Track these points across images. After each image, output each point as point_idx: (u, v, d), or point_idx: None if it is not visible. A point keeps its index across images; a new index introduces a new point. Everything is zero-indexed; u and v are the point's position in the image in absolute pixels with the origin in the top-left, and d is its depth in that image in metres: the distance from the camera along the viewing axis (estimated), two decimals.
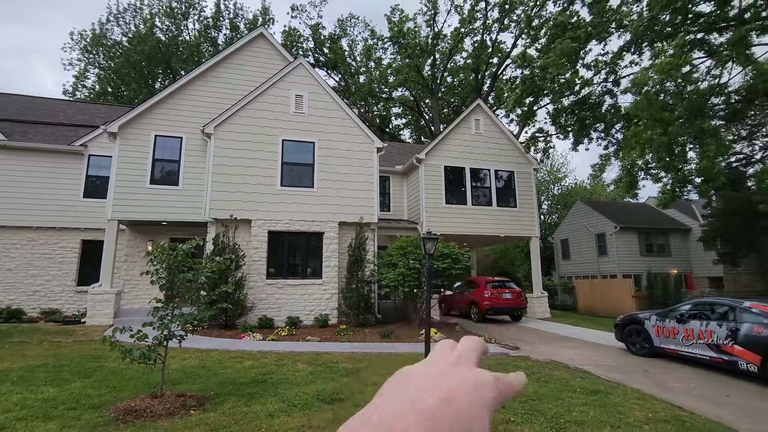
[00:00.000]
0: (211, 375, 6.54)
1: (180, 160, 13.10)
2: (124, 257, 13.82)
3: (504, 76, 33.70)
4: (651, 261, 24.40)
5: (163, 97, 13.22)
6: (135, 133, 12.80)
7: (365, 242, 12.99)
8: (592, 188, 42.50)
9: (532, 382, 6.47)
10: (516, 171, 17.09)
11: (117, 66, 32.61)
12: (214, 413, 4.74)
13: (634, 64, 15.86)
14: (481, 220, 16.19)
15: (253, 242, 12.23)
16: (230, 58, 14.14)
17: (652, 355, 8.91)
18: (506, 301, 14.59)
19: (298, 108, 13.34)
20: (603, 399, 5.60)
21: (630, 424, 4.65)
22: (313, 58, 35.15)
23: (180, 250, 5.19)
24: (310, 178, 13.12)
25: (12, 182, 13.91)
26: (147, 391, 5.37)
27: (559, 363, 8.12)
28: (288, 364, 7.42)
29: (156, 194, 12.68)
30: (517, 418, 4.72)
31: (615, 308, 18.68)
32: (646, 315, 9.31)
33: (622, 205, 30.29)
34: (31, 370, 6.58)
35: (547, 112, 17.78)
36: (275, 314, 11.93)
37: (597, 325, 14.86)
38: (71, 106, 19.43)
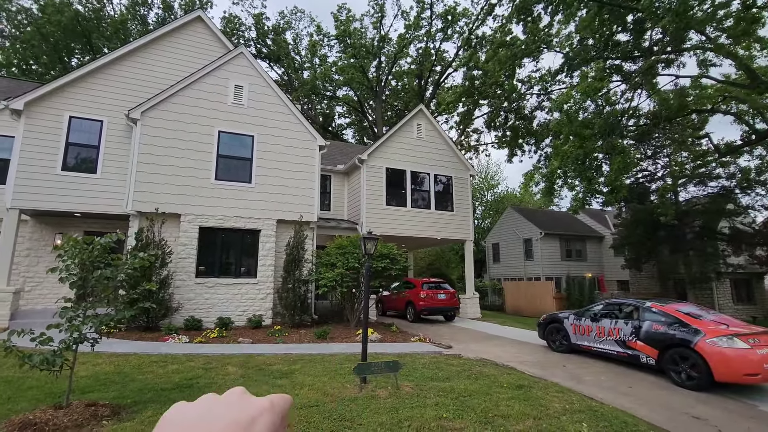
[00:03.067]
0: (128, 381, 5.99)
1: (99, 145, 11.88)
2: (26, 251, 12.23)
3: (446, 84, 34.93)
4: (570, 265, 26.65)
5: (82, 74, 11.92)
6: (45, 112, 11.40)
7: (304, 241, 12.72)
8: (522, 196, 45.45)
9: (463, 379, 6.73)
10: (454, 176, 17.76)
11: (25, 36, 28.83)
12: (131, 422, 4.34)
13: (561, 82, 17.26)
14: (419, 223, 16.60)
15: (182, 238, 11.44)
16: (163, 40, 13.12)
17: (569, 351, 9.70)
18: (441, 301, 15.08)
19: (237, 99, 12.73)
20: (527, 393, 5.99)
21: (550, 416, 5.01)
22: (255, 49, 33.81)
23: (97, 243, 4.69)
24: (248, 173, 12.58)
25: None
26: (50, 401, 4.78)
27: (488, 360, 8.55)
28: (217, 367, 7.03)
29: (68, 182, 11.38)
30: (449, 414, 4.88)
31: (538, 308, 20.12)
32: (565, 314, 10.12)
33: (548, 213, 32.76)
34: None
35: (484, 120, 18.71)
36: (204, 315, 11.26)
37: (522, 324, 15.89)
38: None
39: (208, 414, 0.36)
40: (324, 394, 5.55)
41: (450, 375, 6.96)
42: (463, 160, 18.28)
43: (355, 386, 5.98)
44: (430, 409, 5.07)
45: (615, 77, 14.99)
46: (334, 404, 5.15)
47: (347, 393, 5.65)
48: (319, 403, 5.15)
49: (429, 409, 5.04)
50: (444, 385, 6.27)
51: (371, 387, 5.96)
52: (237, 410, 0.36)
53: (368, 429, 4.37)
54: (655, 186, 21.93)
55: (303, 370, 6.95)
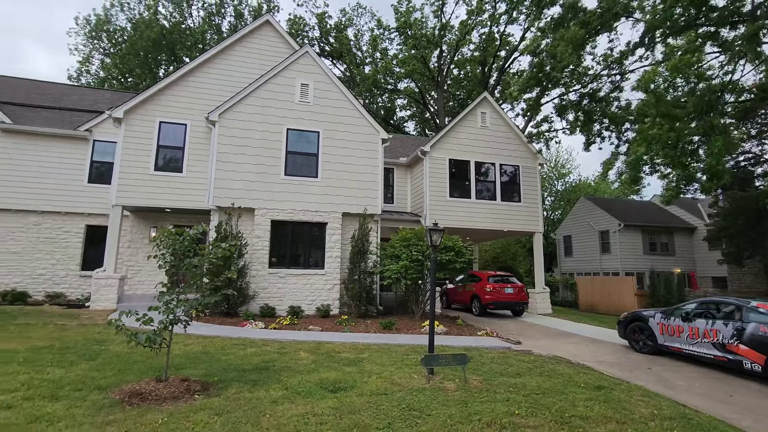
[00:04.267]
0: (213, 361, 6.56)
1: (184, 147, 13.06)
2: (128, 243, 13.84)
3: (511, 69, 33.39)
4: (654, 259, 24.34)
5: (168, 83, 13.14)
6: (140, 119, 12.75)
7: (368, 233, 12.96)
8: (597, 185, 42.28)
9: (534, 376, 6.46)
10: (521, 166, 16.99)
11: (122, 52, 32.43)
12: (218, 398, 4.75)
13: (643, 59, 15.62)
14: (484, 215, 16.13)
15: (256, 231, 12.22)
16: (235, 46, 14.02)
17: (655, 352, 8.89)
18: (508, 295, 14.58)
19: (303, 97, 13.24)
20: (607, 395, 5.59)
21: (635, 420, 4.63)
22: (318, 48, 34.89)
23: (186, 235, 5.16)
24: (314, 168, 13.06)
25: (17, 166, 13.90)
26: (151, 374, 5.38)
27: (562, 358, 8.11)
28: (290, 352, 7.43)
29: (160, 181, 12.66)
30: (521, 411, 4.71)
31: (616, 306, 18.67)
32: (650, 313, 9.28)
33: (627, 203, 30.16)
34: (37, 351, 6.61)
35: (554, 106, 17.52)
36: (277, 303, 11.96)
37: (598, 322, 14.86)
38: (76, 91, 19.35)
39: None
40: (392, 383, 5.64)
41: (520, 371, 6.71)
42: (531, 149, 17.40)
43: (422, 377, 5.99)
44: (501, 404, 4.93)
45: (710, 48, 13.25)
46: (402, 393, 5.20)
47: (414, 383, 5.68)
48: (388, 392, 5.24)
49: (500, 405, 4.90)
50: (514, 381, 6.06)
51: (438, 379, 5.94)
52: None
53: (437, 420, 4.36)
54: (761, 170, 19.19)
55: (370, 358, 7.12)
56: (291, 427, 4.00)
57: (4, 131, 13.94)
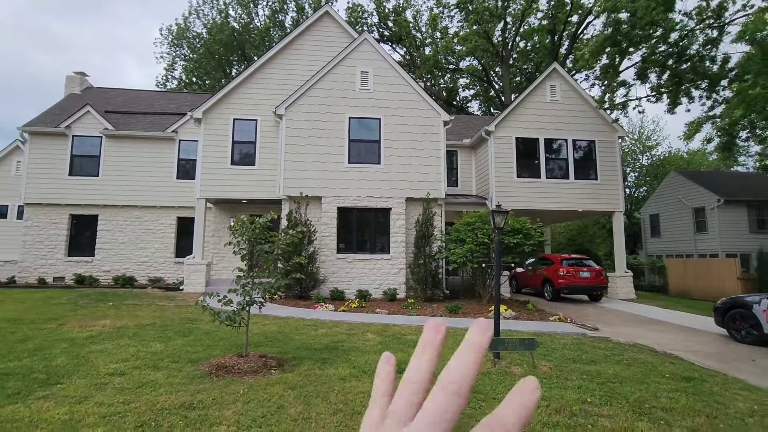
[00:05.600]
0: (288, 340, 7.05)
1: (255, 141, 13.93)
2: (212, 232, 15.22)
3: (585, 35, 30.65)
4: (764, 239, 21.23)
5: (239, 82, 14.03)
6: (216, 117, 13.81)
7: (432, 218, 12.90)
8: (690, 157, 37.65)
9: (612, 363, 6.06)
10: (597, 140, 15.68)
11: (199, 56, 35.17)
12: (292, 374, 5.12)
13: (748, 6, 13.37)
14: (556, 195, 15.21)
15: (324, 218, 12.74)
16: (298, 40, 14.51)
17: (760, 343, 7.86)
18: (584, 279, 13.72)
19: (363, 85, 13.38)
20: (697, 387, 5.09)
21: (730, 416, 4.17)
22: (377, 33, 34.82)
23: (257, 223, 5.56)
24: (377, 155, 13.22)
25: (120, 166, 15.86)
26: (234, 350, 5.95)
27: (645, 346, 7.50)
28: (358, 333, 7.73)
29: (236, 174, 13.68)
30: (594, 399, 4.47)
31: (715, 291, 16.73)
32: (755, 298, 8.18)
33: (727, 175, 26.54)
34: (143, 328, 7.61)
35: (635, 71, 15.70)
36: (346, 287, 12.44)
37: (691, 308, 13.45)
38: (163, 96, 21.45)
39: None
40: None
41: (596, 358, 6.34)
42: (609, 121, 15.96)
43: (488, 361, 5.92)
44: (572, 391, 4.71)
45: None
46: None
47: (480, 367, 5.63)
48: None
49: (570, 392, 4.69)
50: (588, 368, 5.75)
51: (505, 363, 5.83)
52: None
53: None
54: None
55: None
56: (357, 403, 4.20)
57: (108, 137, 15.94)
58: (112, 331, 7.28)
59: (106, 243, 15.70)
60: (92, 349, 5.99)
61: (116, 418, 3.73)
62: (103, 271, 15.45)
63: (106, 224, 15.79)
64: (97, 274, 15.27)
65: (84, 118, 15.88)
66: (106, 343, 6.41)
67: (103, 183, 15.75)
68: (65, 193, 15.55)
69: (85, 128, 15.87)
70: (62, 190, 15.55)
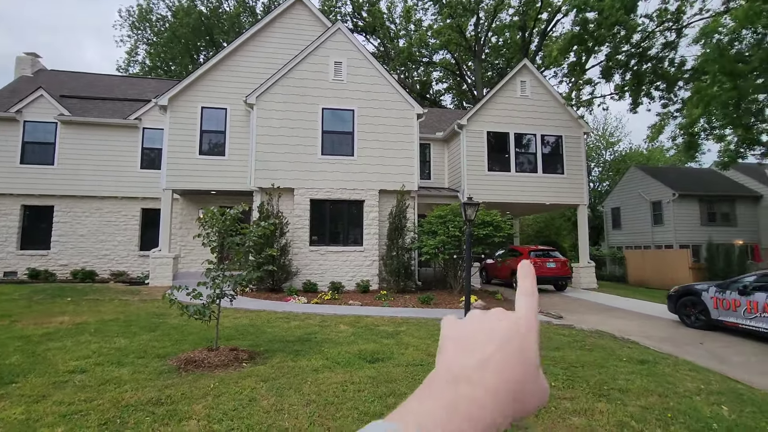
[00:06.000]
0: (260, 333, 6.98)
1: (225, 130, 13.54)
2: (179, 224, 14.75)
3: (554, 33, 31.42)
4: (713, 231, 22.67)
5: (207, 69, 13.55)
6: (183, 105, 13.31)
7: (405, 210, 13.00)
8: (649, 153, 39.54)
9: (575, 349, 6.36)
10: (564, 135, 16.20)
11: (164, 41, 33.64)
12: (264, 366, 5.08)
13: (704, 11, 14.12)
14: (525, 188, 15.65)
15: (296, 210, 12.59)
16: (269, 27, 14.14)
17: (708, 327, 8.44)
18: (550, 270, 14.24)
19: (337, 75, 13.23)
20: (651, 369, 5.42)
21: (679, 394, 4.48)
22: (351, 23, 34.40)
23: (228, 215, 5.44)
24: (350, 147, 13.14)
25: (78, 155, 15.05)
26: (204, 344, 5.83)
27: (605, 333, 7.90)
28: (331, 325, 7.74)
29: (204, 164, 13.27)
30: (558, 383, 4.68)
31: (669, 280, 17.75)
32: (703, 286, 8.76)
33: (682, 171, 28.09)
34: (105, 323, 7.32)
35: (600, 69, 16.31)
36: (319, 279, 12.39)
37: (648, 297, 14.23)
38: (125, 81, 20.44)
39: (485, 323, 0.40)
40: (428, 355, 5.76)
41: (560, 345, 6.63)
42: (575, 117, 16.50)
43: None
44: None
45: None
46: None
47: None
48: (424, 363, 5.37)
49: None
50: (553, 354, 6.01)
51: None
52: (512, 321, 0.40)
53: None
54: None
55: (408, 331, 7.28)
56: (330, 394, 4.23)
57: (64, 123, 15.07)
58: (71, 327, 6.97)
59: (62, 235, 14.91)
60: (50, 347, 5.72)
61: (77, 417, 3.60)
62: (60, 265, 14.70)
63: (62, 216, 14.99)
64: (53, 269, 14.51)
65: (37, 103, 14.93)
66: (65, 340, 6.13)
67: (58, 172, 14.90)
68: (16, 183, 14.63)
69: (38, 113, 14.93)
70: (12, 178, 14.61)
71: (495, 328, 0.39)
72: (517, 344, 0.37)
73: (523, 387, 0.36)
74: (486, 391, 0.34)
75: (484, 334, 0.39)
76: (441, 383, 0.35)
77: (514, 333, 0.38)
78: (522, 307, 0.41)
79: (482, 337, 0.38)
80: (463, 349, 0.38)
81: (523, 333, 0.39)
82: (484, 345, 0.37)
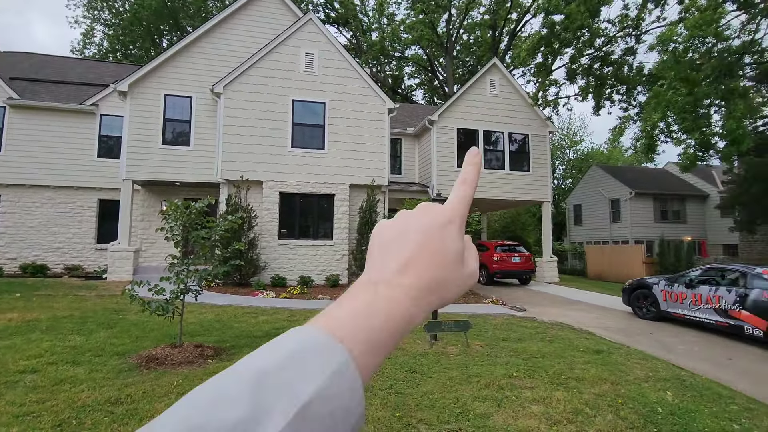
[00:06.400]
0: (226, 328, 6.85)
1: (191, 120, 13.07)
2: (141, 216, 14.15)
3: (523, 33, 32.16)
4: (665, 227, 24.10)
5: (171, 55, 13.00)
6: (145, 92, 12.73)
7: (376, 205, 13.04)
8: (609, 153, 41.41)
9: (536, 341, 6.63)
10: (531, 134, 16.69)
11: (125, 23, 31.90)
12: (231, 362, 4.97)
13: (661, 19, 14.88)
14: (493, 184, 16.03)
15: (265, 203, 12.37)
16: (238, 14, 13.71)
17: (658, 318, 9.00)
18: (515, 264, 14.71)
19: (308, 67, 13.03)
20: (605, 358, 5.74)
21: (629, 382, 4.79)
22: (323, 14, 33.84)
23: (193, 208, 5.29)
24: (321, 140, 13.01)
25: (27, 142, 14.10)
26: (167, 341, 5.66)
27: (565, 324, 8.27)
28: (300, 320, 7.69)
29: (168, 155, 12.77)
30: (519, 373, 4.88)
31: (624, 274, 18.71)
32: (654, 280, 9.33)
33: (639, 171, 29.61)
34: (58, 320, 6.96)
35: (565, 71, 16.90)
36: (288, 274, 12.25)
37: (605, 290, 14.97)
38: (80, 64, 19.28)
39: (408, 223, 0.42)
40: (396, 348, 5.85)
41: (523, 336, 6.89)
42: (541, 117, 17.03)
43: (426, 342, 6.20)
44: (501, 367, 5.11)
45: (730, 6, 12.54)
46: (405, 358, 5.41)
47: (418, 348, 5.89)
48: (391, 356, 5.45)
49: (499, 368, 5.08)
50: (516, 345, 6.24)
51: (442, 344, 6.14)
52: (431, 216, 0.42)
53: (438, 382, 4.56)
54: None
55: None
56: None
57: (13, 107, 14.08)
58: (20, 324, 6.58)
59: (10, 227, 13.98)
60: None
61: (30, 418, 3.43)
62: (7, 259, 13.79)
63: (10, 206, 14.04)
64: (0, 262, 13.61)
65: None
66: (14, 338, 5.79)
67: (5, 159, 13.92)
68: None
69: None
70: None
71: (417, 228, 0.41)
72: (437, 242, 0.40)
73: (443, 281, 0.39)
74: (403, 290, 0.37)
75: (405, 236, 0.41)
76: (361, 287, 0.38)
77: (435, 230, 0.41)
78: (453, 197, 0.44)
79: (403, 239, 0.40)
80: (386, 253, 0.40)
81: (445, 224, 0.41)
82: (403, 249, 0.39)
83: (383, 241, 0.42)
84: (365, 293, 0.37)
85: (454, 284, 0.41)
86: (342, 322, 0.34)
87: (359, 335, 0.33)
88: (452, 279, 0.40)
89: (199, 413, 0.26)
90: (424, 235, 0.40)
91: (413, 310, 0.37)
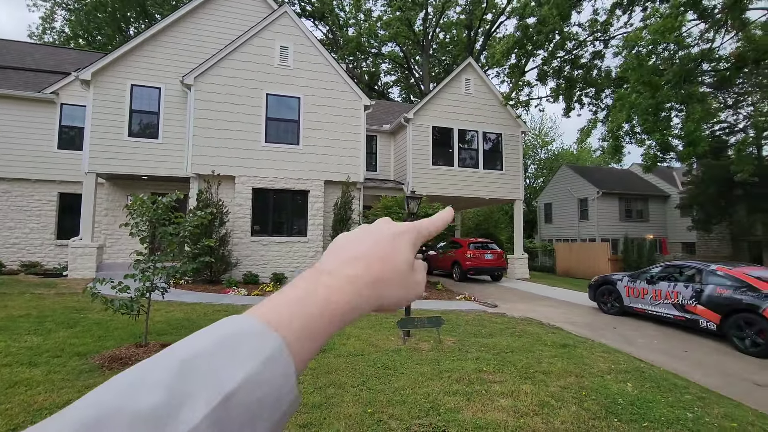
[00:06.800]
0: (195, 327, 6.65)
1: (159, 112, 12.61)
2: (105, 211, 13.57)
3: (497, 34, 32.70)
4: (629, 226, 25.14)
5: (138, 43, 12.48)
6: (110, 81, 12.18)
7: (351, 201, 13.00)
8: (579, 153, 42.75)
9: (506, 336, 6.79)
10: (504, 134, 17.01)
11: (88, 8, 30.39)
12: None
13: (628, 24, 15.48)
14: (467, 182, 16.26)
15: (237, 199, 12.11)
16: (210, 3, 13.30)
17: (621, 313, 9.39)
18: (487, 261, 14.99)
19: (283, 60, 12.80)
20: (571, 352, 5.95)
21: (593, 374, 4.98)
22: (299, 7, 33.31)
23: (160, 203, 5.11)
24: (296, 135, 12.84)
25: None
26: (132, 341, 5.47)
27: (534, 320, 8.51)
28: None
29: (135, 147, 12.28)
30: (489, 368, 4.99)
31: (591, 271, 19.42)
32: (618, 276, 9.72)
33: (606, 171, 30.72)
34: (14, 320, 6.60)
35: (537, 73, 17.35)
36: (260, 270, 12.05)
37: (573, 286, 15.48)
38: (39, 50, 18.26)
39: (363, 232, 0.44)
40: (369, 345, 5.87)
41: (493, 332, 7.05)
42: (514, 117, 17.38)
43: (398, 339, 6.25)
44: (471, 362, 5.21)
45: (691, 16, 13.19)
46: (378, 354, 5.44)
47: (391, 345, 5.93)
48: (365, 353, 5.46)
49: (470, 363, 5.18)
50: (486, 341, 6.38)
51: (414, 340, 6.20)
52: (386, 227, 0.45)
53: (410, 377, 4.61)
54: (734, 139, 19.68)
55: None
56: None
57: None
58: None
59: None
60: None
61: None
62: None
63: None
64: None
65: None
66: None
67: None
68: None
69: None
70: None
71: (371, 234, 0.43)
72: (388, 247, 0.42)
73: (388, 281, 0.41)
74: (347, 279, 0.38)
75: (359, 239, 0.43)
76: (306, 275, 0.39)
77: (387, 236, 0.43)
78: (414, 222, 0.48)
79: (357, 241, 0.43)
80: (336, 254, 0.42)
81: (397, 234, 0.44)
82: (355, 249, 0.42)
83: (338, 244, 0.43)
84: (308, 282, 0.38)
85: (400, 286, 0.42)
86: (279, 309, 0.34)
87: (295, 323, 0.33)
88: (398, 281, 0.42)
89: (115, 398, 0.25)
90: (375, 240, 0.43)
91: (357, 300, 0.38)
